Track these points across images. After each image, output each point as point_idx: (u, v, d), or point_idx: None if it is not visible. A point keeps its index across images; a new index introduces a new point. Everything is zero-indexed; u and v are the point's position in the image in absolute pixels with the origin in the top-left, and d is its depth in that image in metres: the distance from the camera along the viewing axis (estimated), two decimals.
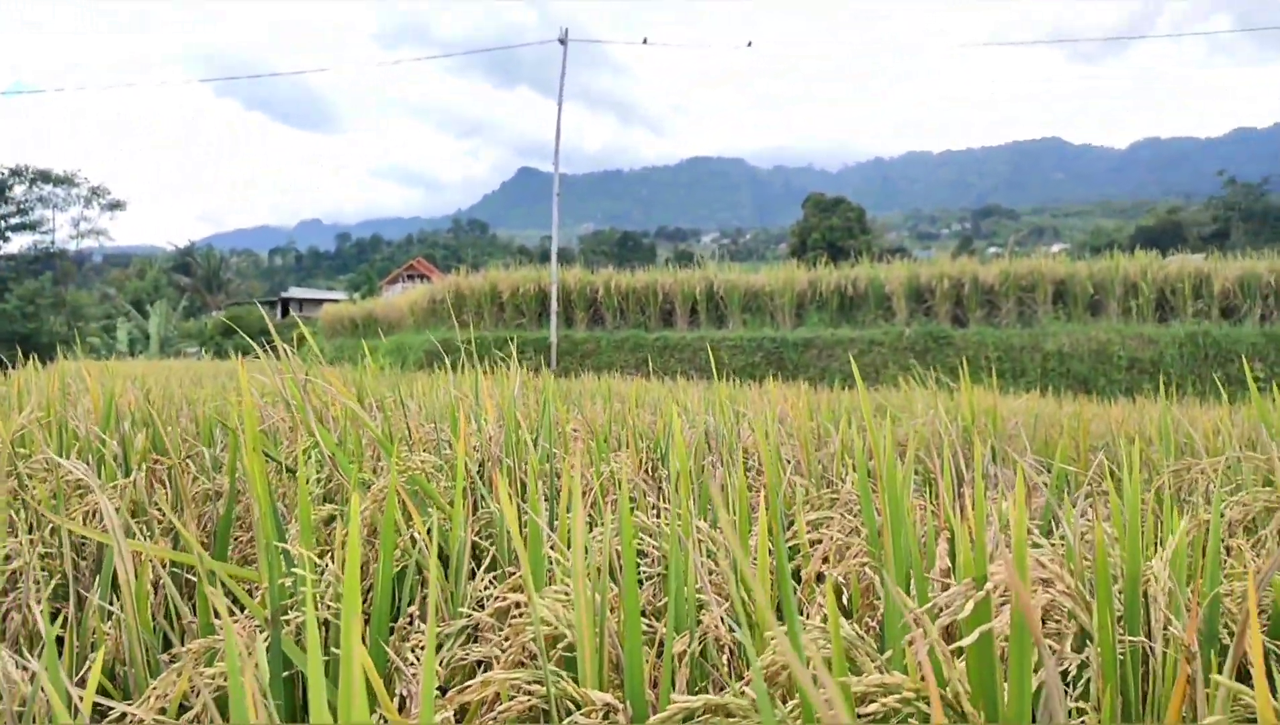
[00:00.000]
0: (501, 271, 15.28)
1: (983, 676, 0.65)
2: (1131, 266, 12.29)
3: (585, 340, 13.54)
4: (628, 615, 0.73)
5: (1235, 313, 11.99)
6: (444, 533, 1.22)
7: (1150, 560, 1.03)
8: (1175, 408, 4.80)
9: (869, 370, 11.54)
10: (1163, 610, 0.96)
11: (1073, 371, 11.14)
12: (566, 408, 3.48)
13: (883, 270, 13.37)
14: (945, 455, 1.47)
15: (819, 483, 1.87)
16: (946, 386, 4.22)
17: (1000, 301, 12.57)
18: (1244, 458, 1.63)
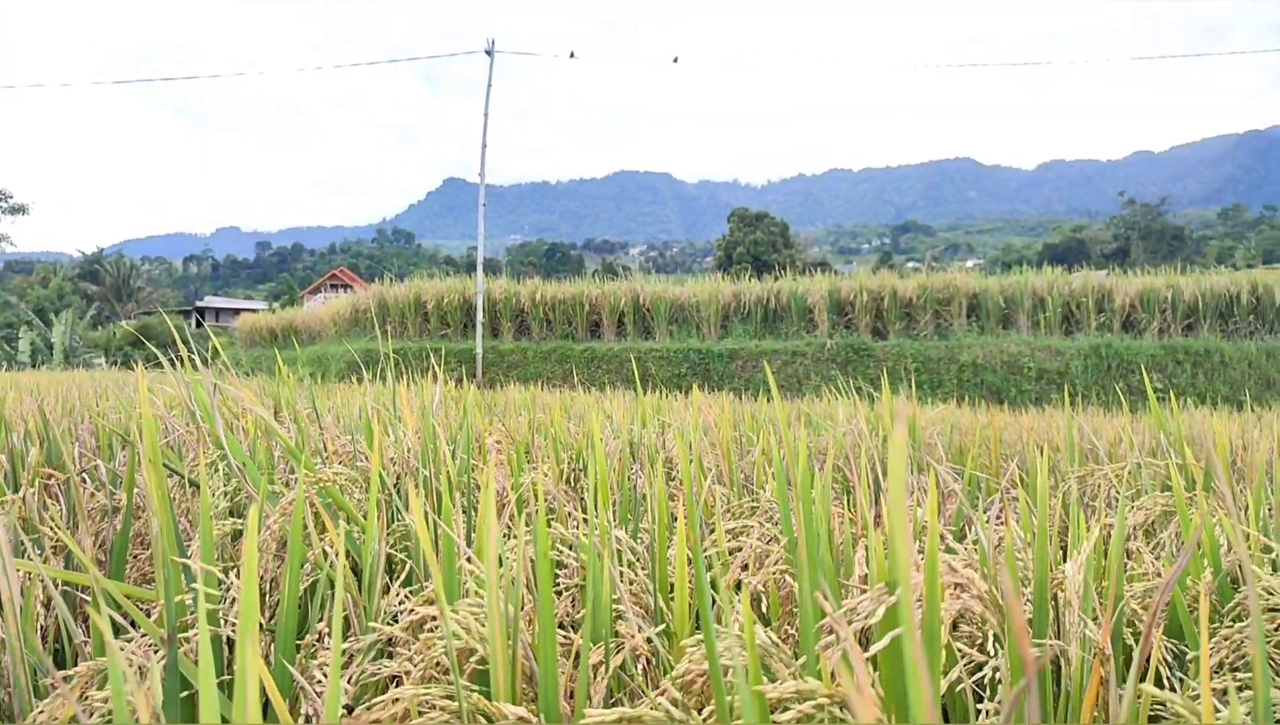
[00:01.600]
0: (426, 282, 15.05)
1: (895, 681, 0.66)
2: (1039, 282, 12.78)
3: (512, 351, 13.42)
4: (542, 627, 0.72)
5: (1136, 326, 12.57)
6: (357, 546, 1.18)
7: (1061, 564, 1.06)
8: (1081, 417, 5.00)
9: (793, 381, 11.72)
10: (1076, 613, 0.99)
11: (986, 382, 11.51)
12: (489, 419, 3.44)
13: (805, 283, 13.61)
14: (863, 464, 1.49)
15: (740, 491, 1.88)
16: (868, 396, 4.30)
17: (918, 314, 12.92)
18: (1144, 464, 1.70)
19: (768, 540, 1.45)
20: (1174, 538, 1.35)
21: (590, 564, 0.81)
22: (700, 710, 0.73)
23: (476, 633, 0.78)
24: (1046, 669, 0.96)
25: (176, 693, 0.79)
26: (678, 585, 0.96)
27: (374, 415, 1.82)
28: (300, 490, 0.80)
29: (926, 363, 11.98)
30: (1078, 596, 0.96)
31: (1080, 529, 1.15)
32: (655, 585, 1.01)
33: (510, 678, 0.74)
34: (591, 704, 0.81)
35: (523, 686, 0.79)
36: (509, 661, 0.74)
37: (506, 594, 0.80)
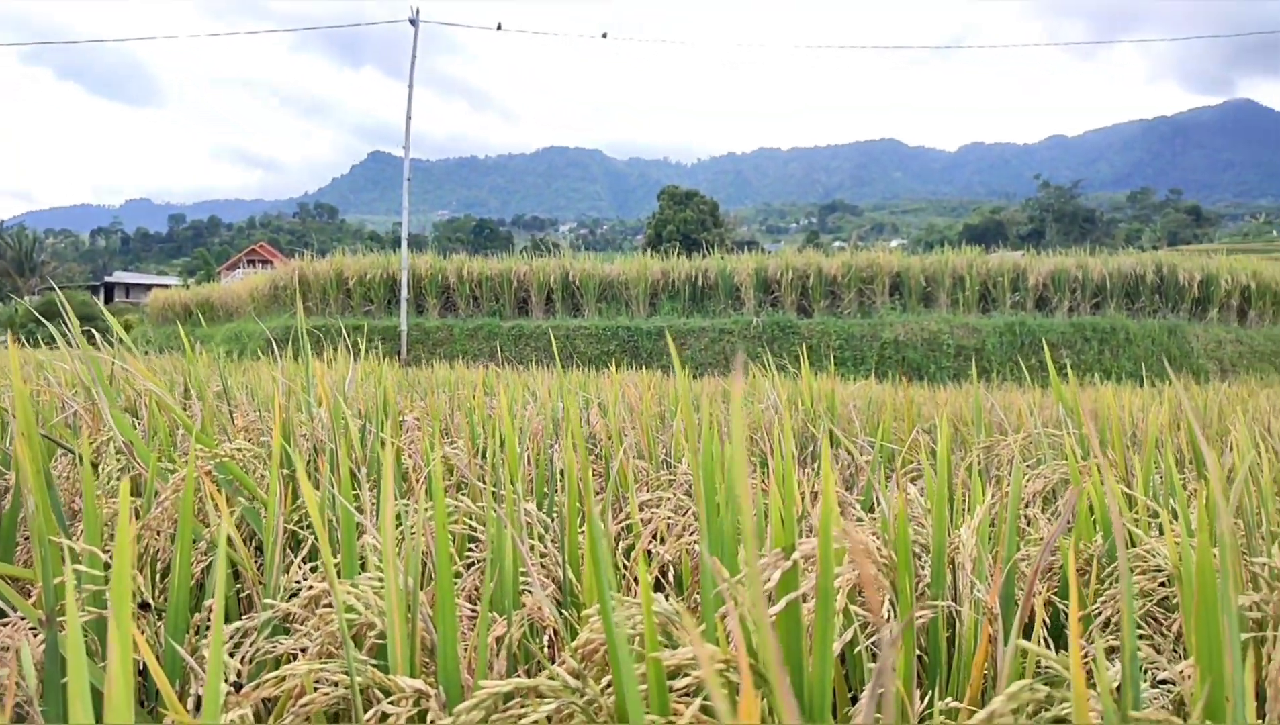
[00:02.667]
0: (349, 257, 14.70)
1: (789, 644, 0.67)
2: (959, 261, 13.14)
3: (437, 328, 13.22)
4: (440, 598, 0.71)
5: (1048, 304, 13.03)
6: (261, 522, 1.15)
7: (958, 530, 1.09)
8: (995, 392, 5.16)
9: (720, 358, 11.84)
10: (969, 576, 1.02)
11: (907, 358, 11.81)
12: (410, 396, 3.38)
13: (732, 262, 13.72)
14: (776, 435, 1.51)
15: (659, 465, 1.89)
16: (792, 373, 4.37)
17: (842, 293, 13.16)
18: (1045, 435, 1.76)
19: (684, 512, 1.46)
20: (1070, 504, 1.41)
21: (491, 535, 0.80)
22: (600, 679, 0.73)
23: (375, 606, 0.77)
24: (942, 630, 0.99)
25: (58, 678, 0.76)
26: (586, 556, 0.96)
27: (285, 392, 1.77)
28: (191, 465, 0.77)
29: (850, 340, 12.23)
30: (971, 560, 0.99)
31: (978, 496, 1.19)
32: (564, 557, 1.01)
33: (409, 651, 0.73)
34: (492, 676, 0.80)
35: (424, 659, 0.78)
36: (407, 634, 0.73)
37: (407, 566, 0.78)
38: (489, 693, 0.61)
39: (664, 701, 0.64)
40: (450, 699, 0.70)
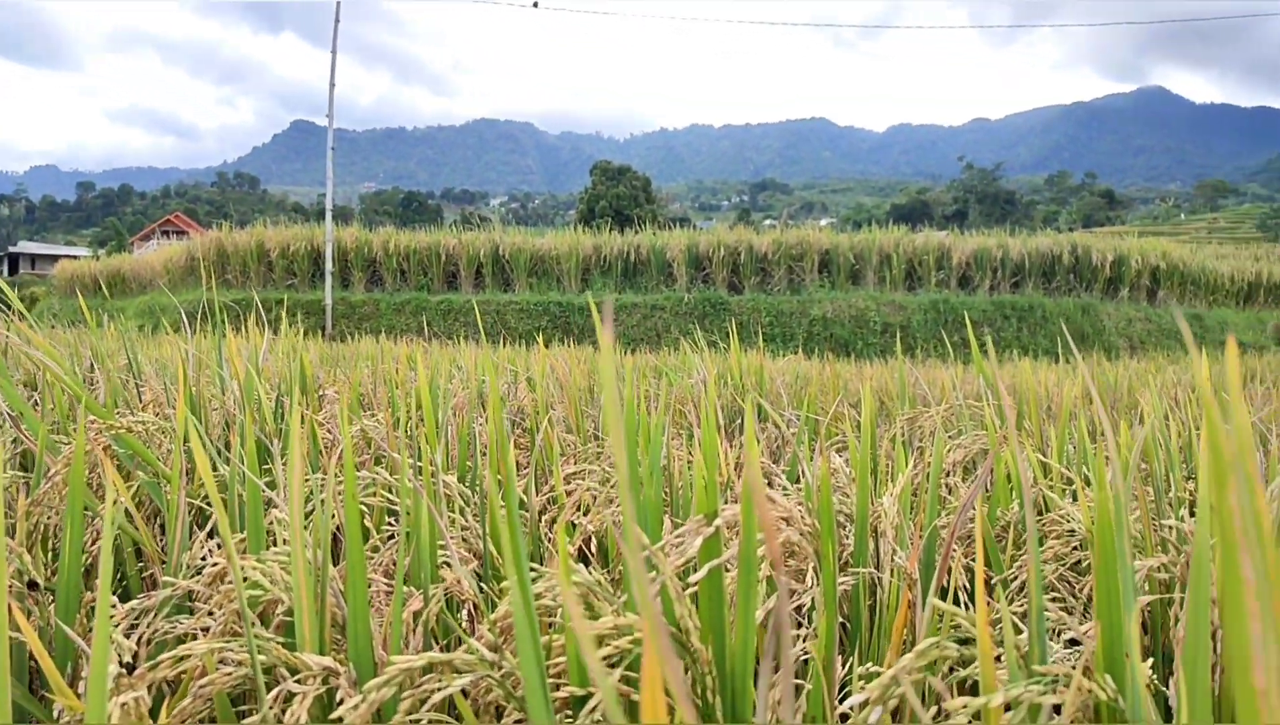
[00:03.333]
0: (271, 229, 14.24)
1: (712, 612, 0.66)
2: (886, 240, 13.38)
3: (363, 302, 12.93)
4: (351, 572, 0.68)
5: (970, 283, 13.38)
6: (162, 497, 1.10)
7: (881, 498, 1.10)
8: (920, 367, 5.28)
9: (652, 334, 11.86)
10: (891, 543, 1.03)
11: (835, 335, 12.01)
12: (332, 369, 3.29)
13: (664, 238, 13.72)
14: (703, 407, 1.51)
15: (588, 438, 1.88)
16: (723, 349, 4.39)
17: (773, 270, 13.29)
18: (966, 407, 1.80)
19: (610, 483, 1.45)
20: (989, 472, 1.44)
21: (405, 508, 0.78)
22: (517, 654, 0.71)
23: (282, 582, 0.74)
24: (865, 596, 1.00)
25: None
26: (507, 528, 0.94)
27: (194, 364, 1.70)
28: (81, 435, 0.72)
29: (780, 317, 12.37)
30: (892, 527, 1.00)
31: (901, 466, 1.20)
32: (485, 530, 0.98)
33: (318, 627, 0.70)
34: (408, 652, 0.78)
35: (336, 636, 0.75)
36: (315, 610, 0.70)
37: (316, 540, 0.75)
38: (400, 668, 0.59)
39: (584, 672, 0.63)
40: (362, 676, 0.67)
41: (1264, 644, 0.37)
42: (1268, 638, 0.37)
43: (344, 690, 0.66)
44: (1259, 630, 0.37)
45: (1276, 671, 0.36)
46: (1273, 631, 0.37)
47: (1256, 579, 0.38)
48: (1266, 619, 0.37)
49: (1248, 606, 0.38)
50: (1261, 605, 0.38)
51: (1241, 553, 0.38)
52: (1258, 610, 0.38)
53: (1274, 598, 0.37)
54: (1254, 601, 0.38)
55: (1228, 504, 0.39)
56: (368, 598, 0.71)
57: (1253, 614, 0.38)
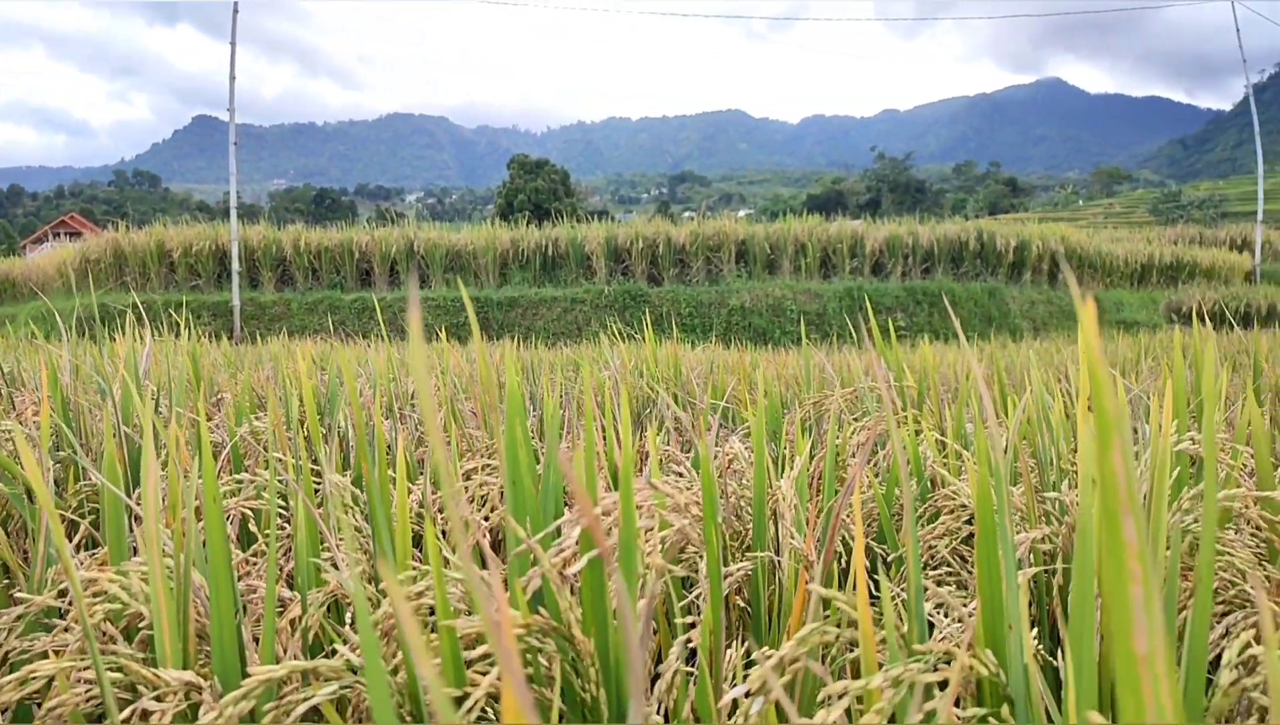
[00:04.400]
0: (172, 228, 13.67)
1: (594, 603, 0.64)
2: (800, 230, 13.59)
3: (273, 303, 12.53)
4: (214, 580, 0.64)
5: (883, 270, 13.71)
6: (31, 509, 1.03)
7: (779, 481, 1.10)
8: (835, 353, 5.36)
9: (572, 327, 11.81)
10: (788, 525, 1.03)
11: (753, 324, 12.16)
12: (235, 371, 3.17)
13: (583, 231, 13.67)
14: (609, 398, 1.49)
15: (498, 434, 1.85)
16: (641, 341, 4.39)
17: (691, 261, 13.37)
18: (870, 390, 1.83)
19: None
20: (888, 454, 1.46)
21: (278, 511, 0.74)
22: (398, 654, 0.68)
23: (141, 593, 0.69)
24: (764, 581, 1.00)
25: None
26: (400, 529, 0.91)
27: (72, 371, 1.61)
28: None
29: (699, 307, 12.45)
30: (790, 509, 1.01)
31: (800, 448, 1.21)
32: (373, 529, 0.95)
33: (181, 640, 0.66)
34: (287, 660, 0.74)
35: (207, 649, 0.72)
36: (177, 622, 0.66)
37: (182, 548, 0.71)
38: (259, 680, 0.56)
39: (460, 672, 0.61)
40: (227, 690, 0.64)
41: (1145, 609, 0.36)
42: (1149, 603, 0.36)
43: (207, 705, 0.63)
44: (1140, 594, 0.35)
45: (1158, 637, 0.35)
46: (1154, 596, 0.36)
47: (1138, 542, 0.36)
48: (1147, 583, 0.36)
49: (1129, 570, 0.36)
50: (1142, 569, 0.36)
51: (1123, 515, 0.37)
52: (1139, 574, 0.36)
53: (1152, 562, 0.36)
54: (1135, 565, 0.36)
55: (1110, 465, 0.38)
56: (235, 606, 0.67)
57: (1134, 578, 0.36)
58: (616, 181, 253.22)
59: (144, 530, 0.65)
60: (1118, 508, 0.35)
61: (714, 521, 0.72)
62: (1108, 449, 0.35)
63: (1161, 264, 16.73)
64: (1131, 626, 0.34)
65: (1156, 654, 0.34)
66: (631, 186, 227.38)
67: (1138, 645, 0.34)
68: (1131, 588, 0.34)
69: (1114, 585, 0.35)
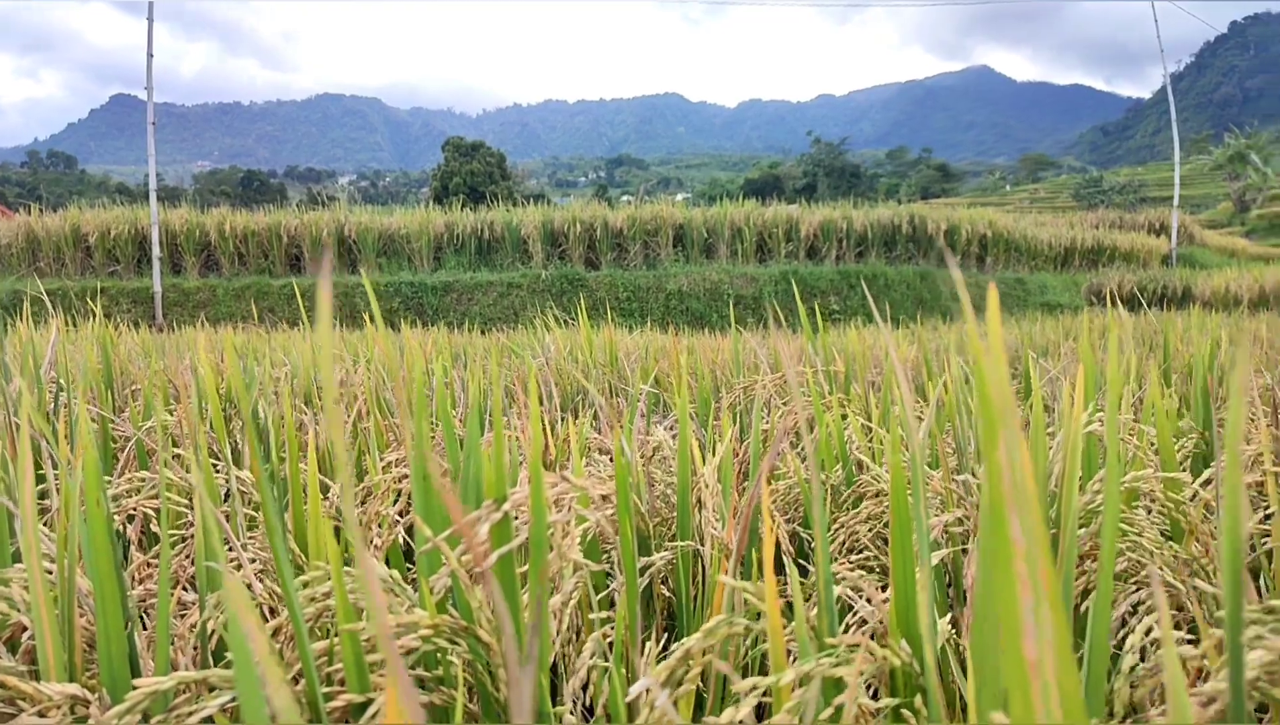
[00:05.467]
0: (88, 212, 13.12)
1: (505, 601, 0.63)
2: (737, 214, 13.67)
3: (198, 289, 12.13)
4: (99, 586, 0.61)
5: (818, 254, 13.87)
6: None
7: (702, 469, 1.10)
8: (773, 336, 5.41)
9: (509, 312, 11.69)
10: (710, 513, 1.02)
11: (691, 308, 12.20)
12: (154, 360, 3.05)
13: (519, 214, 13.54)
14: (535, 386, 1.47)
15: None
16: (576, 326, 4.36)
17: (628, 245, 13.34)
18: (800, 375, 1.84)
19: (443, 473, 1.39)
20: (814, 440, 1.47)
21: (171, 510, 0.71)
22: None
23: (22, 601, 0.65)
24: (687, 570, 0.99)
25: None
26: (313, 525, 0.88)
27: None
28: None
29: (637, 291, 12.45)
30: (713, 497, 1.00)
31: (725, 433, 1.21)
32: (283, 526, 0.91)
33: (66, 650, 0.63)
34: (185, 668, 0.71)
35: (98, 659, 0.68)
36: (60, 631, 0.62)
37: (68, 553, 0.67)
38: (144, 693, 0.53)
39: (363, 677, 0.59)
40: (116, 702, 0.61)
41: (1033, 613, 0.34)
42: (1039, 606, 0.34)
43: (94, 719, 0.59)
44: (1029, 598, 0.34)
45: (1047, 643, 0.34)
46: (1043, 600, 0.34)
47: (1026, 542, 0.35)
48: (1036, 586, 0.34)
49: (1016, 572, 0.35)
50: (1030, 570, 0.35)
51: (1009, 512, 0.35)
52: (1026, 576, 0.34)
53: (1042, 563, 0.34)
54: (1023, 566, 0.35)
55: (995, 461, 0.36)
56: (124, 612, 0.64)
57: (1021, 580, 0.34)
58: (554, 164, 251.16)
59: (22, 534, 0.61)
60: (1004, 505, 0.34)
61: (628, 514, 0.71)
62: (993, 444, 0.35)
63: (1083, 248, 17.27)
64: (1020, 631, 0.33)
65: (1045, 660, 0.33)
66: (569, 169, 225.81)
67: (1026, 650, 0.33)
68: (1020, 591, 0.34)
69: (1001, 588, 0.34)
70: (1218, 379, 1.98)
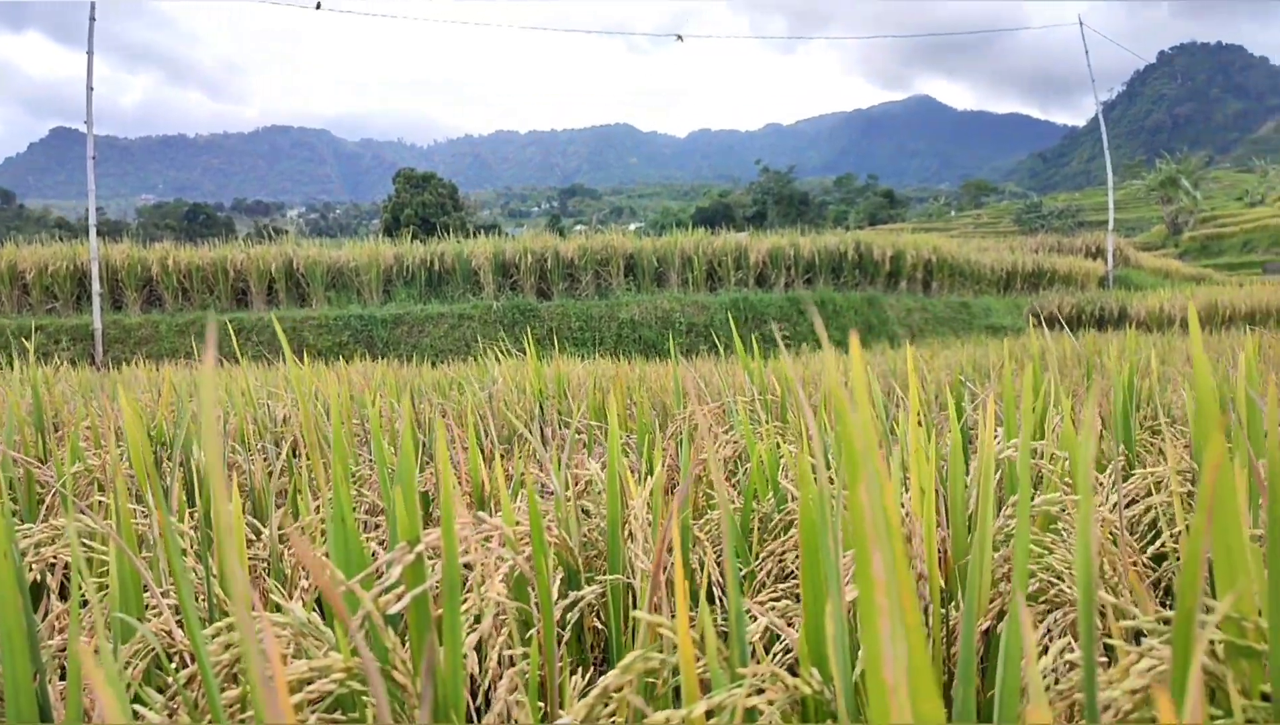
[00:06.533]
0: (25, 248, 12.79)
1: (420, 642, 0.63)
2: (687, 243, 13.80)
3: (140, 325, 11.87)
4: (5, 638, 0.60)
5: (767, 281, 14.04)
6: None
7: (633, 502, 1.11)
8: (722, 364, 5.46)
9: (460, 344, 11.62)
10: (640, 546, 1.03)
11: (643, 337, 12.25)
12: (91, 400, 2.99)
13: (469, 245, 13.50)
14: (472, 420, 1.47)
15: (360, 461, 1.80)
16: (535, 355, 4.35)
17: (579, 275, 13.38)
18: (735, 402, 1.86)
19: (378, 512, 1.38)
20: (747, 469, 1.49)
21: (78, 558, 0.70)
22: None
23: None
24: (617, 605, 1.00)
25: None
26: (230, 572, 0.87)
27: None
28: None
29: (589, 321, 12.47)
30: (643, 530, 1.01)
31: (658, 466, 1.22)
32: (207, 570, 0.91)
33: None
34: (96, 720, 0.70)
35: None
36: None
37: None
38: None
39: None
40: None
41: (891, 641, 0.37)
42: (895, 634, 0.38)
43: None
44: (888, 628, 0.37)
45: (902, 668, 0.36)
46: (900, 629, 0.38)
47: (886, 577, 0.38)
48: (895, 616, 0.37)
49: (877, 604, 0.38)
50: (890, 603, 0.38)
51: (871, 549, 0.38)
52: (886, 608, 0.38)
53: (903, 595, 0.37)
54: (883, 599, 0.38)
55: (858, 500, 0.39)
56: (33, 665, 0.63)
57: (881, 612, 0.38)
58: (506, 195, 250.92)
59: None
60: (866, 543, 0.37)
61: (542, 552, 0.72)
62: (855, 484, 0.37)
63: (1024, 271, 17.72)
64: (880, 659, 0.36)
65: (900, 685, 0.35)
66: (522, 200, 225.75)
67: (886, 675, 0.35)
68: (879, 621, 0.36)
69: (865, 618, 0.37)
70: (1146, 398, 2.05)
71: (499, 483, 0.90)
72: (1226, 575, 0.50)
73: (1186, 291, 15.34)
